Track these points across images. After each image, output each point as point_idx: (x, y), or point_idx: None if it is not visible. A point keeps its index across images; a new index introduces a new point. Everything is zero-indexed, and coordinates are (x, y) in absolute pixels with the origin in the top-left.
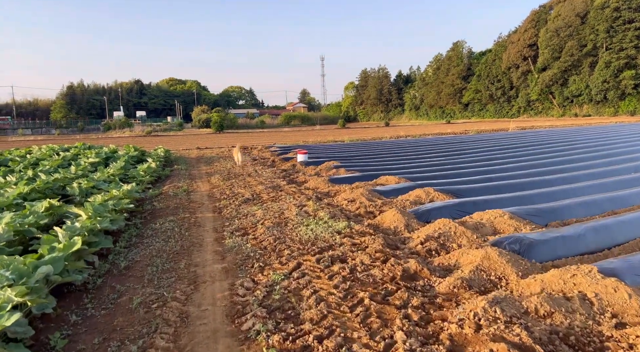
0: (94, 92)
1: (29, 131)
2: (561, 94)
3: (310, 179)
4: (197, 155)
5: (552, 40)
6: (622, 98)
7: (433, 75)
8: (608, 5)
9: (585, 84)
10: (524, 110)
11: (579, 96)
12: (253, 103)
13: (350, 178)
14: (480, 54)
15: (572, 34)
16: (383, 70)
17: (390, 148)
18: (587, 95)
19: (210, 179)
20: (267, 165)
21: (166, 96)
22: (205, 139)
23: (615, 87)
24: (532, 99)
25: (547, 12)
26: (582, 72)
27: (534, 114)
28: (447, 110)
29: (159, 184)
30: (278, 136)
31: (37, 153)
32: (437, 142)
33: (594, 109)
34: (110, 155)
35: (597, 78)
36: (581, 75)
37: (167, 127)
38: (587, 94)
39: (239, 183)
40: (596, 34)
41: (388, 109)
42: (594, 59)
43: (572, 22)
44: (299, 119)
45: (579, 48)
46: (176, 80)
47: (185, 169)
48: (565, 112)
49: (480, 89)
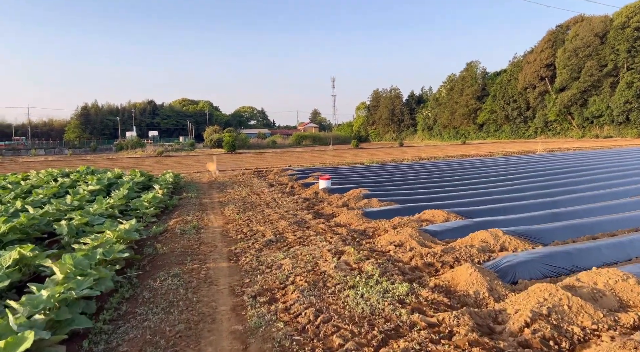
0: (107, 113)
1: (42, 151)
2: (580, 115)
3: (339, 211)
4: (208, 179)
5: (571, 60)
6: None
7: (446, 96)
8: (628, 25)
9: (606, 105)
10: (541, 131)
11: (600, 117)
12: (264, 123)
13: (388, 212)
14: (495, 74)
15: (591, 54)
16: (395, 91)
17: (418, 172)
18: (609, 116)
19: (224, 210)
20: (285, 192)
21: (178, 116)
22: (218, 160)
23: (639, 108)
24: (550, 120)
25: (564, 32)
26: (603, 93)
27: (552, 134)
28: (461, 130)
29: (165, 217)
30: (291, 157)
31: (33, 179)
32: (466, 165)
33: (615, 130)
34: (114, 181)
35: (619, 99)
36: (601, 95)
37: (179, 147)
38: (609, 115)
39: (257, 216)
40: (617, 54)
41: (400, 129)
42: (615, 79)
43: (591, 42)
44: (311, 139)
45: (598, 68)
46: (188, 101)
47: (195, 196)
48: (585, 133)
49: (495, 109)
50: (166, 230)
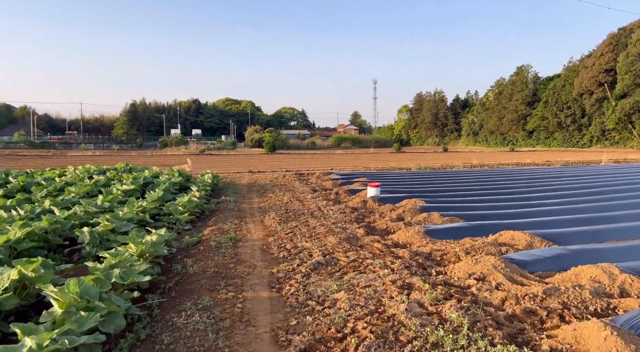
0: (154, 110)
1: (91, 146)
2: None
3: (395, 226)
4: (248, 181)
5: (635, 65)
6: None
7: (494, 100)
8: None
9: None
10: (597, 140)
11: None
12: (304, 124)
13: (454, 230)
14: (548, 79)
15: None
16: (439, 94)
17: (476, 181)
18: None
19: (265, 218)
20: (330, 199)
21: (221, 115)
22: (258, 160)
23: None
24: (607, 128)
25: (627, 35)
26: None
27: (609, 144)
28: (508, 137)
29: (201, 224)
30: (332, 159)
31: (69, 176)
32: (530, 175)
33: None
34: (150, 180)
35: None
36: None
37: (220, 145)
38: None
39: (302, 229)
40: None
41: (443, 134)
42: None
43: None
44: (350, 141)
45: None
46: (232, 100)
47: (234, 200)
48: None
49: (547, 116)
50: (200, 241)
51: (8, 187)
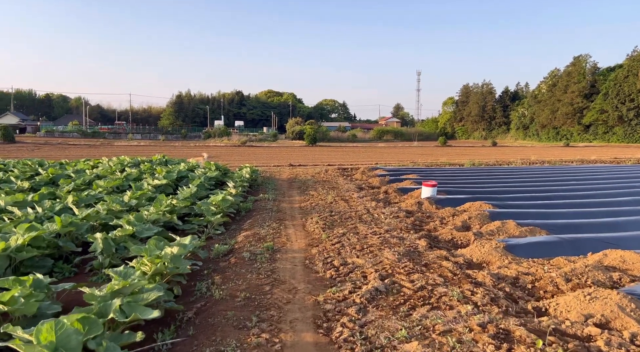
0: (199, 102)
1: (139, 136)
2: None
3: (463, 237)
4: (289, 175)
5: None
6: None
7: (547, 93)
8: None
9: None
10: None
11: None
12: (345, 116)
13: (542, 246)
14: (608, 69)
15: None
16: (487, 86)
17: (545, 180)
18: None
19: (306, 222)
20: (379, 199)
21: (263, 107)
22: (298, 153)
23: None
24: None
25: None
26: None
27: None
28: (562, 131)
29: (235, 226)
30: (375, 153)
31: (101, 168)
32: (605, 174)
33: None
34: (185, 174)
35: None
36: None
37: (262, 137)
38: None
39: (350, 238)
40: None
41: (491, 127)
42: None
43: None
44: (392, 134)
45: None
46: (274, 93)
47: (273, 198)
48: None
49: (606, 109)
50: (232, 250)
51: (37, 179)
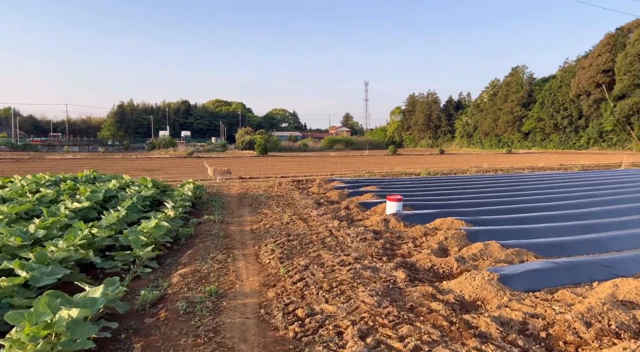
0: (142, 112)
1: (76, 148)
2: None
3: (444, 265)
4: (239, 190)
5: (634, 65)
6: None
7: (489, 102)
8: None
9: None
10: (594, 142)
11: None
12: (296, 126)
13: (539, 275)
14: (543, 80)
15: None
16: (432, 96)
17: (509, 190)
18: None
19: (260, 250)
20: (341, 217)
21: (211, 117)
22: (249, 164)
23: None
24: (605, 130)
25: (625, 35)
26: None
27: (607, 146)
28: (504, 138)
29: (171, 260)
30: (328, 162)
31: (15, 186)
32: (566, 181)
33: None
34: (114, 193)
35: None
36: None
37: (210, 148)
38: None
39: (315, 270)
40: None
41: (437, 136)
42: None
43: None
44: (343, 143)
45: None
46: (222, 102)
47: (220, 220)
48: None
49: (543, 117)
50: (164, 297)
51: None
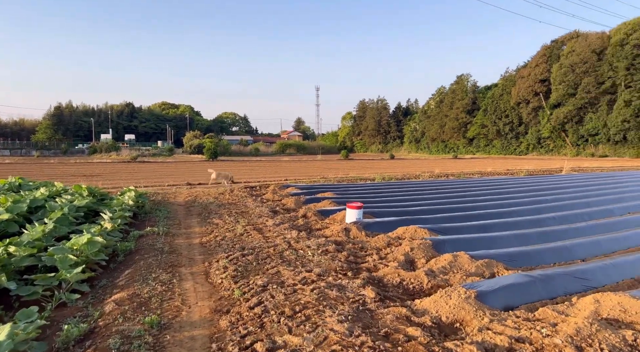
0: (82, 114)
1: (7, 152)
2: (576, 133)
3: (414, 280)
4: (186, 197)
5: (567, 76)
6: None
7: (436, 109)
8: (627, 42)
9: (603, 123)
10: (533, 148)
11: (596, 135)
12: (247, 130)
13: (516, 290)
14: (486, 88)
15: (588, 71)
16: (382, 102)
17: (464, 196)
18: (605, 134)
19: (210, 268)
20: (299, 226)
21: (158, 120)
22: (198, 169)
23: (637, 128)
24: (543, 136)
25: (559, 47)
26: (600, 110)
27: (545, 152)
28: (450, 144)
29: (106, 282)
30: (281, 168)
31: None
32: (518, 186)
33: (611, 149)
34: (42, 203)
35: (616, 117)
36: (598, 113)
37: (156, 152)
38: (605, 134)
39: (274, 291)
40: (615, 72)
41: (386, 141)
42: (613, 97)
43: (588, 59)
44: (295, 147)
45: (596, 85)
46: (169, 105)
47: (165, 232)
48: (580, 151)
49: (486, 124)
50: (93, 331)
51: None
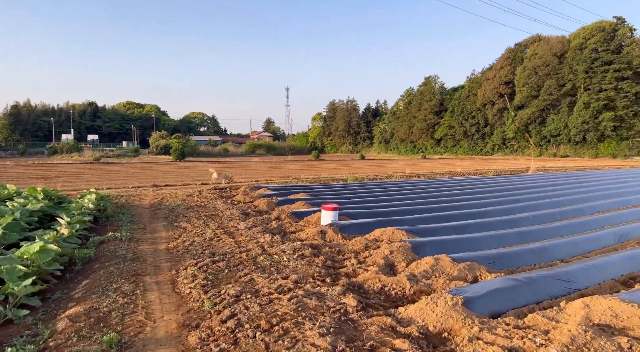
0: (42, 113)
1: None
2: (539, 133)
3: (396, 285)
4: (152, 199)
5: (530, 78)
6: (602, 140)
7: (404, 110)
8: (586, 46)
9: (564, 124)
10: (498, 148)
11: (557, 136)
12: (215, 130)
13: (502, 295)
14: (453, 89)
15: (550, 73)
16: (352, 103)
17: (440, 197)
18: (566, 135)
19: (179, 276)
20: (272, 229)
21: (122, 120)
22: (165, 170)
23: (595, 129)
24: (508, 137)
25: (522, 50)
26: (561, 112)
27: (509, 152)
28: (418, 145)
29: (60, 294)
30: (251, 168)
31: None
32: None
33: (572, 149)
34: None
35: (577, 118)
36: (560, 114)
37: (121, 152)
38: (566, 134)
39: (248, 302)
40: (575, 75)
41: (356, 141)
42: (573, 99)
43: (549, 62)
44: (265, 148)
45: (557, 87)
46: (134, 104)
47: (128, 238)
48: (542, 151)
49: (454, 124)
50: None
51: None
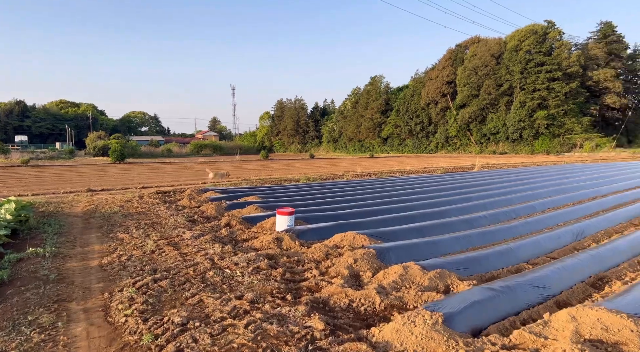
0: None
1: None
2: (479, 131)
3: (364, 300)
4: (86, 206)
5: (471, 78)
6: (536, 137)
7: (352, 109)
8: (520, 48)
9: (502, 122)
10: (442, 146)
11: (497, 134)
12: (157, 130)
13: (480, 308)
14: (398, 89)
15: (489, 74)
16: (300, 102)
17: (394, 197)
18: (504, 133)
19: (112, 300)
20: (222, 237)
21: (55, 120)
22: (102, 173)
23: (530, 126)
24: (450, 135)
25: (463, 51)
26: (500, 111)
27: (452, 150)
28: (366, 143)
29: None
30: (197, 169)
31: None
32: (441, 184)
33: (510, 146)
34: None
35: (514, 117)
36: (498, 113)
37: (54, 154)
38: (504, 132)
39: (197, 331)
40: (511, 75)
41: (305, 141)
42: (510, 99)
43: (488, 62)
44: (211, 148)
45: (496, 87)
46: (68, 103)
47: (53, 254)
48: (483, 149)
49: (399, 123)
50: None
51: None
